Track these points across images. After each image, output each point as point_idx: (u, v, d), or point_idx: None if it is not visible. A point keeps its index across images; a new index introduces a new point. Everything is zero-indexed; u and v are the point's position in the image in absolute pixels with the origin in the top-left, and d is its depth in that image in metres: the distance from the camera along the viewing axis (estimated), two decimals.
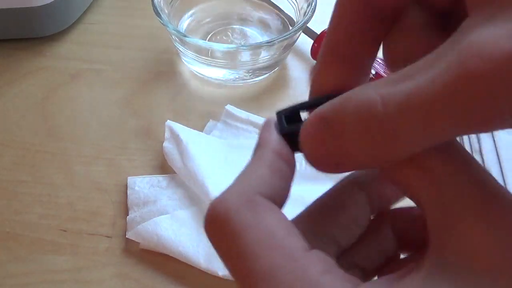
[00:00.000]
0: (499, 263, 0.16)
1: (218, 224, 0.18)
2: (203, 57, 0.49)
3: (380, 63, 0.48)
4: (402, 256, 0.24)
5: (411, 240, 0.23)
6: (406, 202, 0.22)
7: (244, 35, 0.55)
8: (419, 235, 0.21)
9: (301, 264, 0.17)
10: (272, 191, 0.19)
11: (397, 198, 0.24)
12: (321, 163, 0.18)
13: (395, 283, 0.17)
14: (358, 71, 0.20)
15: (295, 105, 0.21)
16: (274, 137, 0.20)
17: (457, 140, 0.18)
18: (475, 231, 0.16)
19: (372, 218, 0.23)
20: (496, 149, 0.45)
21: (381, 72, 0.47)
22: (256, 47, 0.49)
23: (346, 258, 0.22)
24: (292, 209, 0.23)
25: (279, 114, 0.21)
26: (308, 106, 0.21)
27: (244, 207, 0.18)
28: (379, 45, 0.19)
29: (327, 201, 0.23)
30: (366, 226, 0.23)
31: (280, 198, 0.20)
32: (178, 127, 0.44)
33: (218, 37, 0.54)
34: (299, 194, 0.25)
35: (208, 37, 0.54)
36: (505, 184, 0.43)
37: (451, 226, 0.17)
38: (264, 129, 0.21)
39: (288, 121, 0.21)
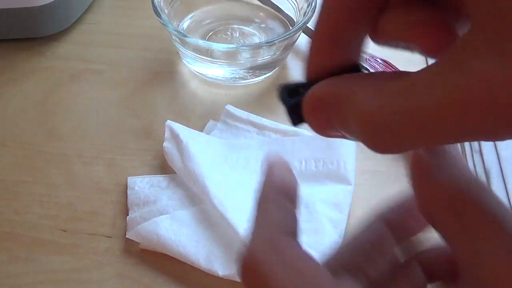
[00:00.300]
0: None
1: (252, 275, 0.20)
2: (203, 57, 0.49)
3: (380, 62, 0.48)
4: None
5: (439, 273, 0.24)
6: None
7: (244, 35, 0.55)
8: (446, 267, 0.22)
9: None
10: (287, 228, 0.22)
11: (421, 229, 0.25)
12: (324, 133, 0.20)
13: None
14: (351, 52, 0.20)
15: (295, 83, 0.22)
16: (276, 178, 0.23)
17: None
18: (499, 264, 0.18)
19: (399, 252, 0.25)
20: (496, 149, 0.45)
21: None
22: (256, 47, 0.49)
23: None
24: None
25: (283, 89, 0.22)
26: (307, 86, 0.21)
27: (271, 251, 0.20)
28: (371, 25, 0.19)
29: (357, 239, 0.25)
30: (393, 260, 0.24)
31: (295, 231, 0.22)
32: (178, 127, 0.44)
33: (218, 36, 0.54)
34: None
35: (208, 36, 0.54)
36: (505, 184, 0.43)
37: (477, 261, 0.18)
38: (266, 173, 0.24)
39: (290, 94, 0.22)
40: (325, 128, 0.19)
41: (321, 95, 0.19)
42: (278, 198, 0.23)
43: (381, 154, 0.17)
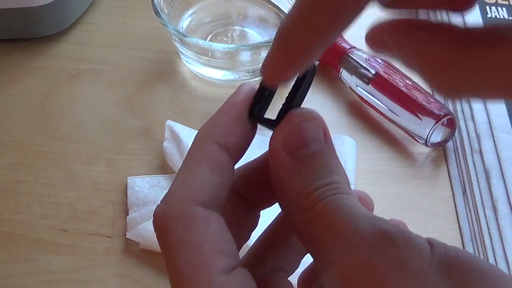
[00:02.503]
0: None
1: (159, 234, 0.20)
2: (203, 57, 0.49)
3: (380, 63, 0.48)
4: None
5: None
6: None
7: (244, 35, 0.55)
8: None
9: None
10: (211, 193, 0.20)
11: None
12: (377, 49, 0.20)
13: None
14: (309, 60, 0.20)
15: (254, 101, 0.22)
16: (219, 125, 0.21)
17: None
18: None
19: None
20: (496, 149, 0.45)
21: (381, 72, 0.47)
22: (256, 47, 0.49)
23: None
24: None
25: (253, 115, 0.22)
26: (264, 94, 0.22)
27: (179, 221, 0.20)
28: (333, 35, 0.19)
29: (269, 240, 0.25)
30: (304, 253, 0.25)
31: (220, 195, 0.21)
32: (178, 127, 0.44)
33: (218, 38, 0.54)
34: None
35: (208, 38, 0.54)
36: (505, 184, 0.43)
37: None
38: (216, 112, 0.22)
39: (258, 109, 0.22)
40: (381, 47, 0.19)
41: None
42: (215, 153, 0.21)
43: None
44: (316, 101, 0.50)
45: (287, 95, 0.22)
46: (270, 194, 0.22)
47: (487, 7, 0.56)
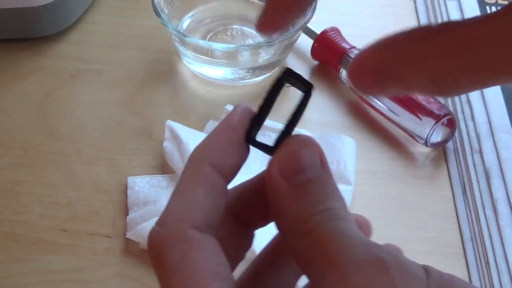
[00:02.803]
0: None
1: (153, 256, 0.20)
2: (203, 57, 0.49)
3: None
4: None
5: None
6: None
7: (244, 35, 0.55)
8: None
9: None
10: (206, 216, 0.20)
11: None
12: (368, 91, 0.21)
13: None
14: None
15: (251, 127, 0.23)
16: (214, 148, 0.22)
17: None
18: None
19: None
20: (496, 149, 0.45)
21: None
22: (256, 47, 0.49)
23: None
24: None
25: (251, 140, 0.22)
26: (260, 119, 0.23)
27: (174, 244, 0.20)
28: None
29: (264, 262, 0.25)
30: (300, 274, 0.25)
31: (215, 217, 0.21)
32: (178, 127, 0.44)
33: (218, 37, 0.54)
34: None
35: (208, 37, 0.54)
36: (505, 184, 0.43)
37: None
38: (211, 132, 0.22)
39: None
40: (371, 87, 0.20)
41: (378, 58, 0.20)
42: (208, 176, 0.21)
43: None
44: (316, 101, 0.50)
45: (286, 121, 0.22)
46: (265, 214, 0.23)
47: (487, 7, 0.56)
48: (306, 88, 0.22)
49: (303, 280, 0.23)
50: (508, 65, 0.17)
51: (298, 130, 0.22)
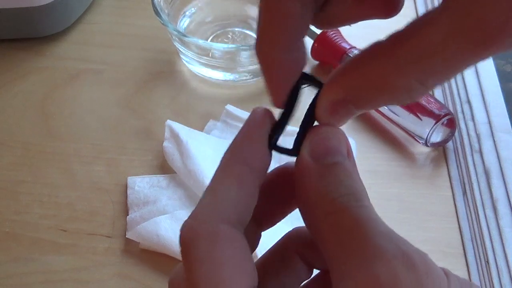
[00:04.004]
0: None
1: (183, 249, 0.20)
2: (203, 57, 0.49)
3: None
4: None
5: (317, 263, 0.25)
6: None
7: (244, 37, 0.55)
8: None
9: None
10: (237, 211, 0.21)
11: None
12: (340, 121, 0.22)
13: None
14: (299, 52, 0.22)
15: (274, 130, 0.23)
16: (244, 147, 0.22)
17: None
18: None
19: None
20: (496, 149, 0.45)
21: None
22: None
23: None
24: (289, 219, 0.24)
25: (273, 145, 0.23)
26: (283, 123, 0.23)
27: (205, 238, 0.20)
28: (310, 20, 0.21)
29: (269, 261, 0.25)
30: (300, 277, 0.25)
31: (246, 214, 0.21)
32: (178, 127, 0.44)
33: (219, 40, 0.54)
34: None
35: (209, 40, 0.54)
36: (505, 184, 0.43)
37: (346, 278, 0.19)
38: (239, 135, 0.23)
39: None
40: (346, 118, 0.21)
41: (343, 92, 0.20)
42: (242, 173, 0.21)
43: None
44: None
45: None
46: (275, 213, 0.23)
47: None
48: (319, 86, 0.23)
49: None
50: (468, 50, 0.17)
51: (297, 129, 0.23)
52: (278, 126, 0.23)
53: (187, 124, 0.45)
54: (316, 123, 0.23)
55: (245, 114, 0.47)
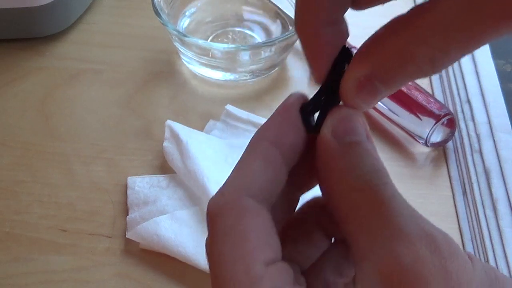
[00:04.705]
0: None
1: (209, 221, 0.21)
2: (203, 57, 0.49)
3: None
4: None
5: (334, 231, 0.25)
6: None
7: (244, 37, 0.55)
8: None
9: (250, 279, 0.19)
10: (262, 187, 0.21)
11: None
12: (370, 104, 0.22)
13: None
14: (339, 28, 0.22)
15: (310, 102, 0.23)
16: (272, 126, 0.22)
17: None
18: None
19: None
20: (496, 149, 0.45)
21: None
22: (256, 47, 0.49)
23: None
24: None
25: (304, 112, 0.23)
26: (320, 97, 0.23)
27: (229, 211, 0.20)
28: None
29: (288, 231, 0.25)
30: (320, 248, 0.25)
31: (272, 191, 0.21)
32: (178, 127, 0.44)
33: (218, 40, 0.54)
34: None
35: (209, 40, 0.54)
36: (505, 184, 0.43)
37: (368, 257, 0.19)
38: (270, 117, 0.23)
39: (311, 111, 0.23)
40: (372, 98, 0.21)
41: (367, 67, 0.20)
42: (268, 151, 0.22)
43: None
44: None
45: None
46: (313, 177, 0.23)
47: None
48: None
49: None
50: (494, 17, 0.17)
51: None
52: (313, 102, 0.23)
53: (187, 124, 0.45)
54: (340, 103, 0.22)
55: (245, 114, 0.47)
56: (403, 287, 0.18)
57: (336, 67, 0.22)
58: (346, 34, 0.22)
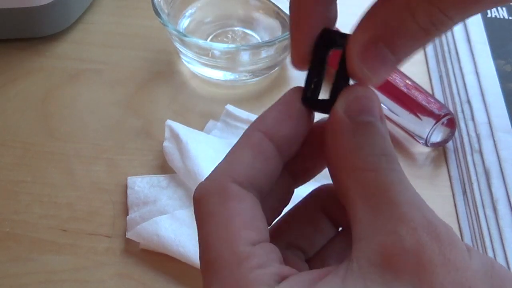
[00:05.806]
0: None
1: (195, 206, 0.21)
2: (203, 57, 0.49)
3: None
4: None
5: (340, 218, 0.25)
6: None
7: (244, 37, 0.55)
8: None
9: (237, 258, 0.19)
10: (249, 174, 0.21)
11: None
12: (380, 76, 0.22)
13: (315, 282, 0.19)
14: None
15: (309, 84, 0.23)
16: (268, 118, 0.22)
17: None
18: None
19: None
20: (496, 149, 0.45)
21: None
22: (256, 47, 0.49)
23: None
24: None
25: (308, 99, 0.23)
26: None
27: (215, 194, 0.21)
28: None
29: (293, 217, 0.25)
30: (326, 235, 0.25)
31: (261, 181, 0.22)
32: (178, 127, 0.44)
33: (218, 39, 0.54)
34: (298, 193, 0.25)
35: (209, 40, 0.54)
36: (505, 184, 0.43)
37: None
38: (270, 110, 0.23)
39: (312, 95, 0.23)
40: (380, 65, 0.20)
41: (371, 33, 0.20)
42: (259, 141, 0.22)
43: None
44: None
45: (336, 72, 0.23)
46: (309, 169, 0.24)
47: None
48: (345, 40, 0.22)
49: None
50: None
51: None
52: (310, 82, 0.23)
53: (187, 124, 0.45)
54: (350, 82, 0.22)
55: (245, 114, 0.47)
56: (403, 269, 0.18)
57: (319, 48, 0.23)
58: (334, 17, 0.22)
